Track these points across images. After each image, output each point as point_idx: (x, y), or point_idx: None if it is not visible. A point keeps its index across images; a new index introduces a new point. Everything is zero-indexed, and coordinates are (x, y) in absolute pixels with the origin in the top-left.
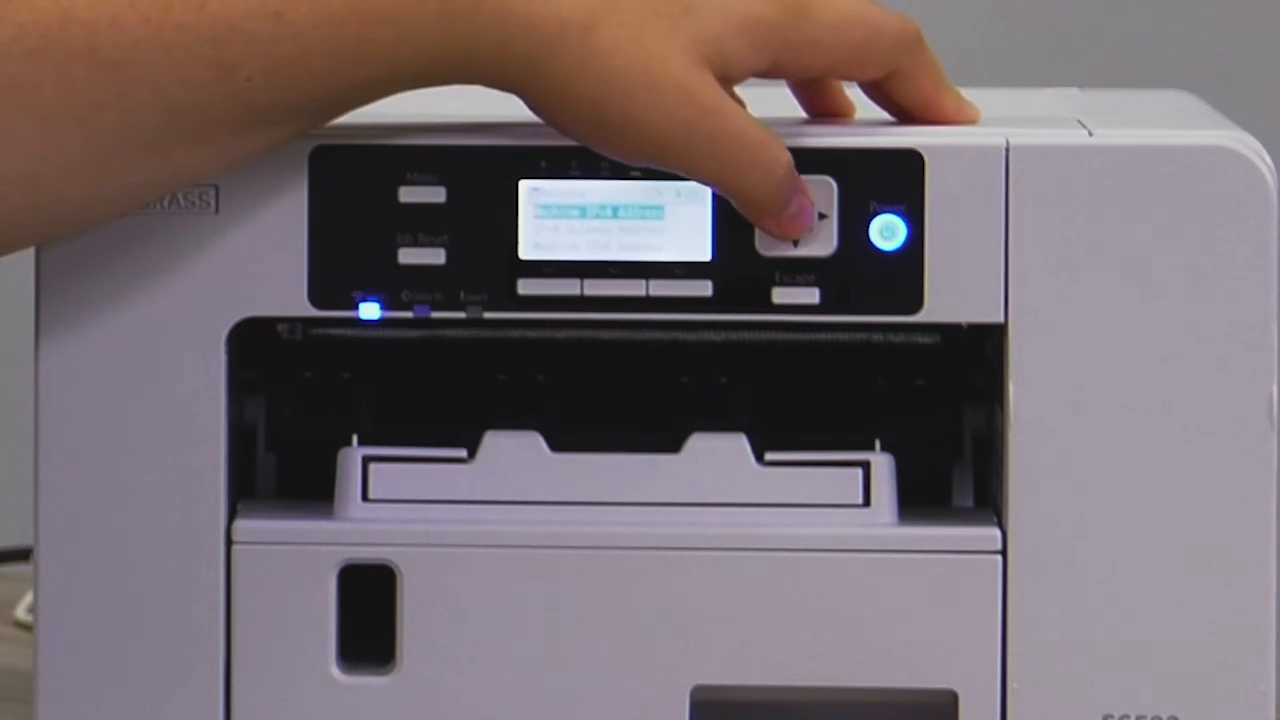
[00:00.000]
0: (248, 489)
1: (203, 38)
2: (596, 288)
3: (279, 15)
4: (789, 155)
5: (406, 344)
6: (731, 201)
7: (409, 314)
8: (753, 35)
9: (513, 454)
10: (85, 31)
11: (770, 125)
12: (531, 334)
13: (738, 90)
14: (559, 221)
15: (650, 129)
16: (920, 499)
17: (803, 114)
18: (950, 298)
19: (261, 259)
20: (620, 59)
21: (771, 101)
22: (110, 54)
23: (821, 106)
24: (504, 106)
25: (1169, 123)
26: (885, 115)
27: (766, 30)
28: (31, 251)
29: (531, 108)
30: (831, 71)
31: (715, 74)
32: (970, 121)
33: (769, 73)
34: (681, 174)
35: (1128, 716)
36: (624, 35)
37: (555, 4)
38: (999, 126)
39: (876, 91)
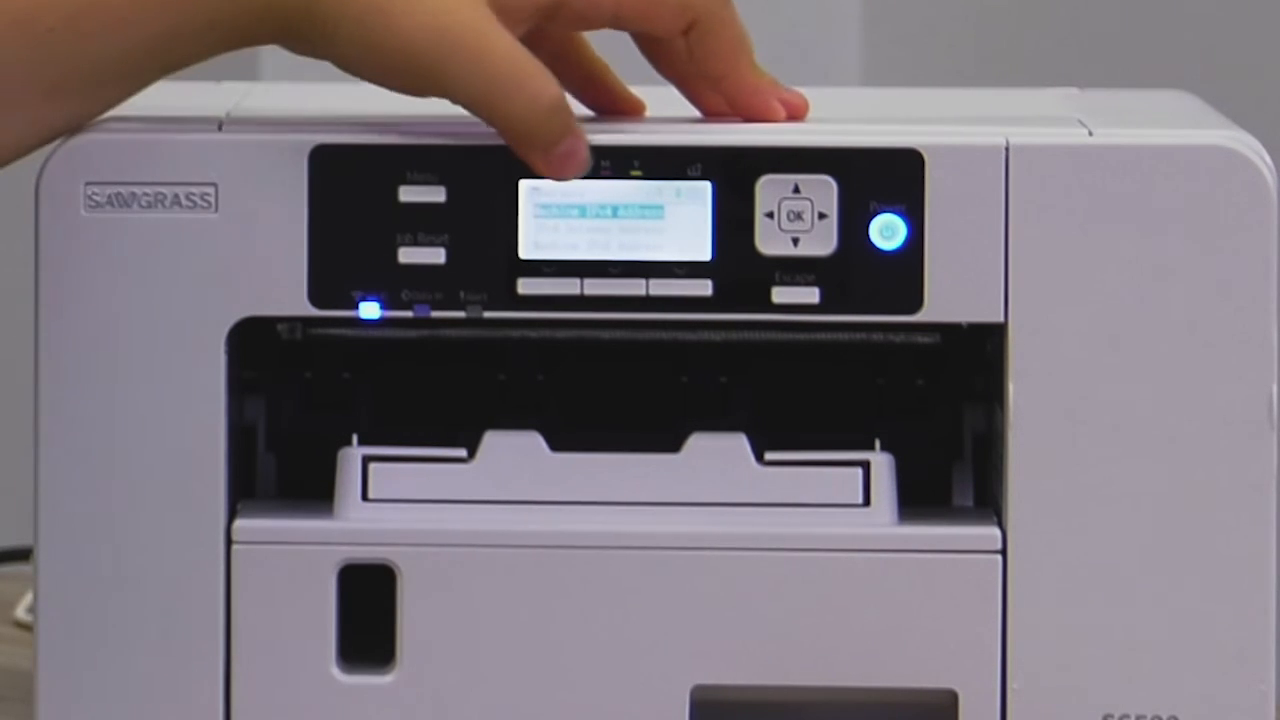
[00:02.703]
0: (248, 489)
1: None
2: (596, 287)
3: None
4: (559, 90)
5: (406, 344)
6: (499, 132)
7: (409, 314)
8: None
9: (513, 454)
10: None
11: (765, 127)
12: (531, 334)
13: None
14: (559, 221)
15: (413, 43)
16: (920, 499)
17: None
18: (950, 297)
19: (261, 259)
20: None
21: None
22: None
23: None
24: None
25: (1169, 123)
26: (881, 114)
27: None
28: (32, 250)
29: (321, 51)
30: (621, 18)
31: (493, 9)
32: (772, 114)
33: (555, 15)
34: (450, 97)
35: (1128, 716)
36: None
37: None
38: (999, 126)
39: (664, 56)
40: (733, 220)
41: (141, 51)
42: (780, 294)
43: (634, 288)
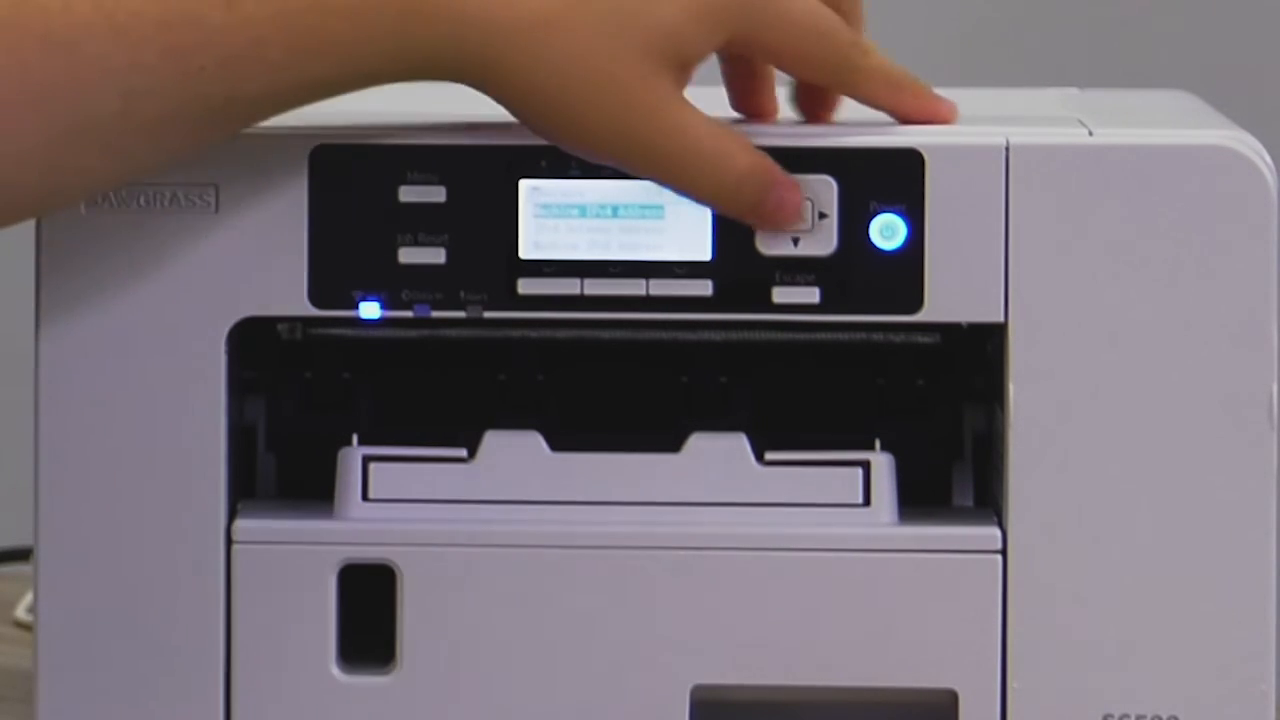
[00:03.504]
0: (248, 489)
1: (156, 22)
2: (596, 287)
3: (231, 5)
4: (747, 156)
5: (406, 344)
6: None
7: (409, 314)
8: (712, 19)
9: (513, 454)
10: (39, 14)
11: (766, 127)
12: (531, 334)
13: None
14: (559, 221)
15: (600, 136)
16: (920, 499)
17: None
18: (950, 297)
19: (261, 259)
20: (573, 62)
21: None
22: (63, 36)
23: (749, 99)
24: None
25: (1169, 123)
26: (881, 114)
27: (724, 12)
28: (32, 250)
29: (497, 101)
30: (777, 60)
31: (673, 64)
32: (939, 119)
33: (718, 51)
34: (640, 177)
35: (1128, 716)
36: (579, 36)
37: (513, 1)
38: (999, 126)
39: (811, 97)
40: (733, 220)
41: (292, 94)
42: (780, 294)
43: (634, 288)
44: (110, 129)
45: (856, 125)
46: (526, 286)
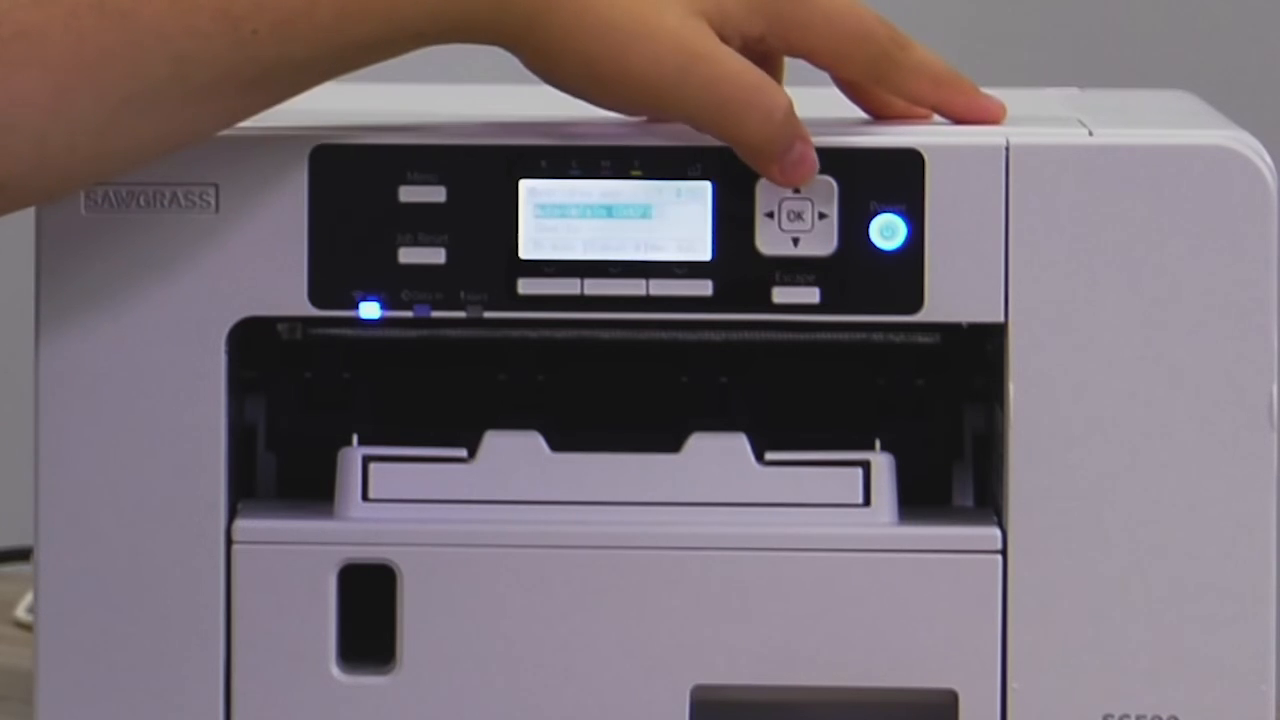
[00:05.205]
0: (248, 489)
1: None
2: (596, 287)
3: None
4: (788, 99)
5: (406, 344)
6: (733, 147)
7: (409, 314)
8: (751, 3)
9: (513, 454)
10: None
11: None
12: (531, 334)
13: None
14: (559, 221)
15: (644, 78)
16: (920, 499)
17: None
18: (950, 297)
19: (261, 259)
20: (617, 12)
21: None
22: (118, 3)
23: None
24: (504, 106)
25: (1169, 123)
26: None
27: (764, 1)
28: (31, 250)
29: (528, 66)
30: (812, 58)
31: (712, 29)
32: (986, 117)
33: (754, 43)
34: (681, 120)
35: (1128, 716)
36: None
37: None
38: (999, 126)
39: (860, 94)
40: (733, 220)
41: (344, 56)
42: (780, 294)
43: (634, 288)
44: (162, 95)
45: (856, 125)
46: (526, 286)
